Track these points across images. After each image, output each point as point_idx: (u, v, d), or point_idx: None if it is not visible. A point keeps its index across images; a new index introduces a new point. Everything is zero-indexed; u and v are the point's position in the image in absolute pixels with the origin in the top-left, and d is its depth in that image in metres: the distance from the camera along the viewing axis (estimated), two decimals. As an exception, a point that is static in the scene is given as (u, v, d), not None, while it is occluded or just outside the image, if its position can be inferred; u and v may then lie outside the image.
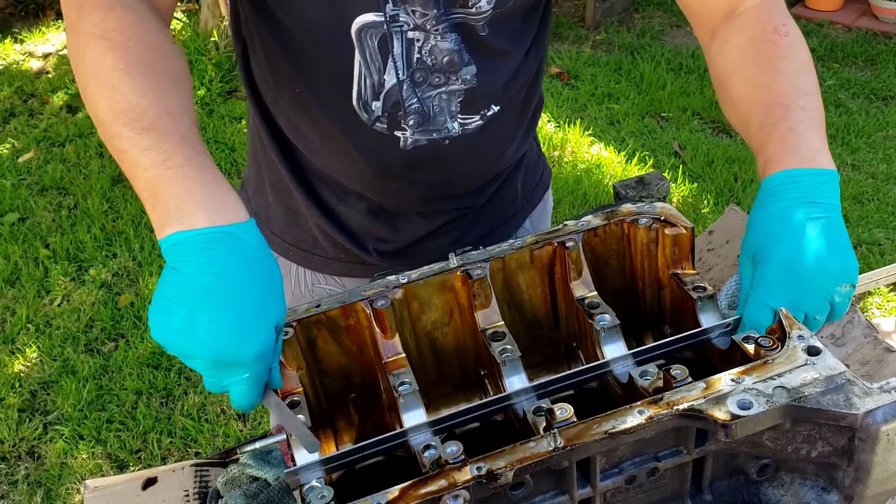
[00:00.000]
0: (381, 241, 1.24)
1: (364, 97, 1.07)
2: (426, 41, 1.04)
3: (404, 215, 1.22)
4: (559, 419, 0.77)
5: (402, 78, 1.06)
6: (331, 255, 1.27)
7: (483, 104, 1.12)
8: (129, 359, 2.70)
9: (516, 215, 1.33)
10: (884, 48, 4.48)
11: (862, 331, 1.24)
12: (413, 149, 1.11)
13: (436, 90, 1.08)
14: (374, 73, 1.06)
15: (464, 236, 1.27)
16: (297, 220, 1.26)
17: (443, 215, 1.24)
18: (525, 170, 1.32)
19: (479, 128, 1.13)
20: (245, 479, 1.18)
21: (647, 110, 4.00)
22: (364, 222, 1.22)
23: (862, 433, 0.76)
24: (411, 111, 1.08)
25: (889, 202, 3.33)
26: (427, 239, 1.25)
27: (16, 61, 4.68)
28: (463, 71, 1.07)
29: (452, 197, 1.22)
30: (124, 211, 3.38)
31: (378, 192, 1.18)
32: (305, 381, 0.93)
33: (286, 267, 1.31)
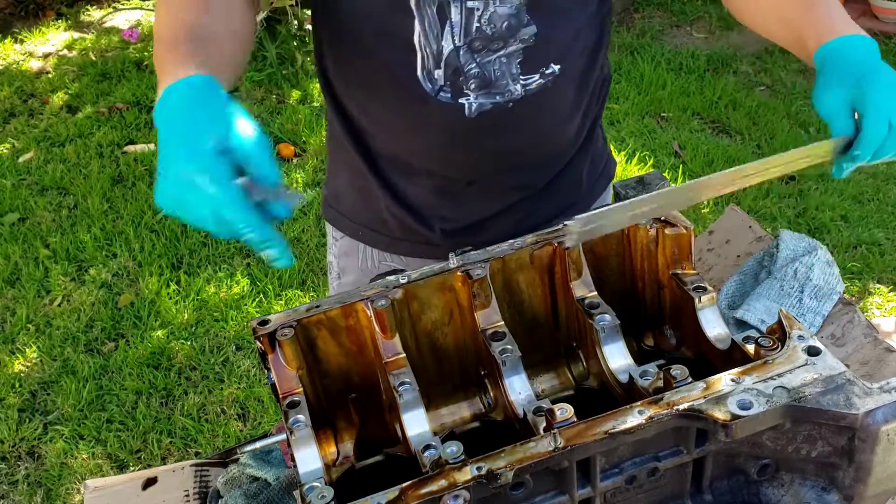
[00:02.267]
0: (446, 221, 1.29)
1: (427, 66, 1.11)
2: (485, 9, 1.08)
3: (470, 194, 1.26)
4: (559, 419, 0.77)
5: (459, 44, 1.09)
6: (398, 235, 1.32)
7: (542, 62, 1.14)
8: (129, 359, 2.69)
9: (579, 203, 1.35)
10: (884, 48, 4.47)
11: (862, 331, 1.24)
12: (478, 115, 1.14)
13: (495, 54, 1.11)
14: (433, 42, 1.09)
15: (527, 218, 1.29)
16: (368, 201, 1.31)
17: (508, 194, 1.27)
18: (591, 157, 1.35)
19: (540, 88, 1.16)
20: (245, 479, 1.18)
21: (647, 110, 3.99)
22: (431, 201, 1.27)
23: (862, 433, 0.77)
24: (471, 76, 1.12)
25: (889, 202, 3.33)
26: (491, 219, 1.29)
27: (16, 61, 4.68)
28: (521, 32, 1.10)
29: (518, 170, 1.25)
30: (124, 211, 3.38)
31: (446, 165, 1.22)
32: (305, 380, 0.93)
33: (354, 245, 1.38)
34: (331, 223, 1.41)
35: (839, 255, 3.03)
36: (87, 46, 4.76)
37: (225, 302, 2.92)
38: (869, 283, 2.93)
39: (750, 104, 3.95)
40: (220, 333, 2.80)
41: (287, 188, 0.84)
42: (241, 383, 2.61)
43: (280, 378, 0.91)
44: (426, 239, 1.31)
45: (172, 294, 2.96)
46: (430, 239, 1.30)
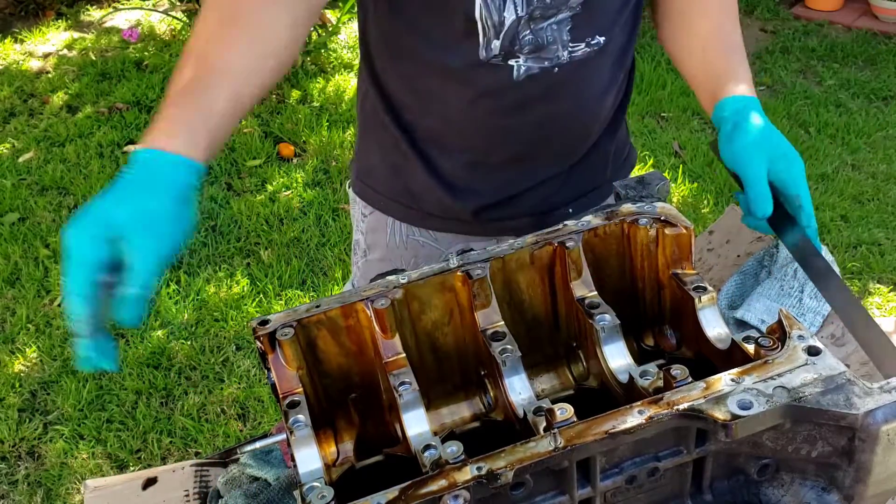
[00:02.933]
0: (478, 195, 1.32)
1: (488, 36, 1.14)
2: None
3: (501, 169, 1.29)
4: (559, 419, 0.77)
5: (521, 14, 1.12)
6: (428, 209, 1.36)
7: (589, 32, 1.18)
8: (129, 359, 2.70)
9: (603, 186, 1.38)
10: (884, 48, 4.48)
11: (862, 331, 1.24)
12: (525, 78, 1.18)
13: (547, 21, 1.14)
14: (495, 13, 1.12)
15: (554, 195, 1.34)
16: (400, 175, 1.34)
17: (538, 170, 1.30)
18: (616, 142, 1.38)
19: (585, 56, 1.20)
20: (245, 479, 1.18)
21: (647, 110, 3.99)
22: (464, 176, 1.30)
23: (862, 433, 0.77)
24: (526, 42, 1.15)
25: (889, 202, 3.33)
26: (521, 195, 1.32)
27: (16, 61, 4.68)
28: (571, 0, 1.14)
29: (553, 142, 1.28)
30: (124, 211, 3.38)
31: (487, 134, 1.26)
32: (305, 381, 0.93)
33: (382, 220, 1.41)
34: (361, 197, 1.43)
35: (839, 255, 3.03)
36: (87, 46, 4.76)
37: (225, 302, 2.92)
38: (869, 283, 2.93)
39: (750, 104, 3.95)
40: (220, 333, 2.80)
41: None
42: (241, 383, 2.61)
43: (280, 378, 0.91)
44: (456, 214, 1.34)
45: (172, 294, 2.96)
46: (460, 214, 1.34)
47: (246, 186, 3.50)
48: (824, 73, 4.27)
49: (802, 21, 4.82)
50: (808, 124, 3.83)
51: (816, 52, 4.48)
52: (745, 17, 4.92)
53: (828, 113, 3.91)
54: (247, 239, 3.25)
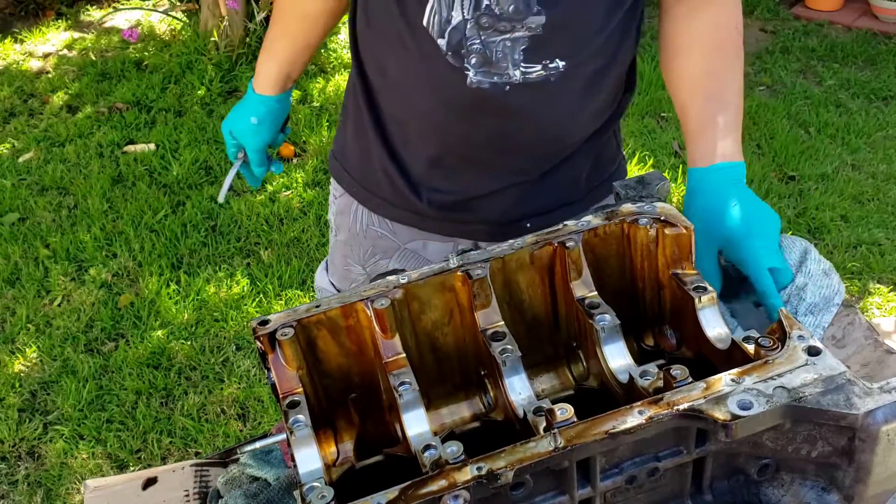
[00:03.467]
0: (436, 192, 1.31)
1: (432, 31, 1.15)
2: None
3: (462, 170, 1.28)
4: (559, 419, 0.77)
5: (467, 17, 1.11)
6: (389, 198, 1.36)
7: (546, 54, 1.15)
8: (129, 359, 2.70)
9: (575, 204, 1.34)
10: (884, 48, 4.48)
11: (862, 332, 1.24)
12: (477, 89, 1.17)
13: (500, 36, 1.12)
14: (445, 9, 1.12)
15: (517, 205, 1.31)
16: (368, 159, 1.36)
17: (500, 176, 1.28)
18: (595, 161, 1.34)
19: (541, 80, 1.16)
20: (245, 479, 1.18)
21: (647, 110, 4.00)
22: (425, 170, 1.30)
23: (862, 433, 0.77)
24: (473, 51, 1.14)
25: (889, 202, 3.33)
26: (481, 199, 1.30)
27: (16, 61, 4.68)
28: (529, 20, 1.11)
29: (512, 156, 1.26)
30: (124, 211, 3.38)
31: (443, 134, 1.25)
32: (305, 381, 0.93)
33: (349, 204, 1.45)
34: (334, 176, 1.48)
35: (839, 255, 3.03)
36: (87, 46, 4.76)
37: (225, 302, 2.92)
38: (869, 283, 2.93)
39: (750, 104, 3.95)
40: (220, 333, 2.80)
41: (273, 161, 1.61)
42: (241, 383, 2.61)
43: (280, 378, 0.91)
44: (415, 208, 1.33)
45: (172, 294, 2.96)
46: (417, 208, 1.33)
47: (246, 186, 3.50)
48: (824, 73, 4.27)
49: (802, 21, 4.82)
50: (808, 124, 3.83)
51: (816, 52, 4.48)
52: (745, 17, 4.91)
53: (828, 113, 3.91)
54: (247, 239, 3.25)
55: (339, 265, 1.52)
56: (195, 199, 3.43)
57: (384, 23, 1.22)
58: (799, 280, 1.30)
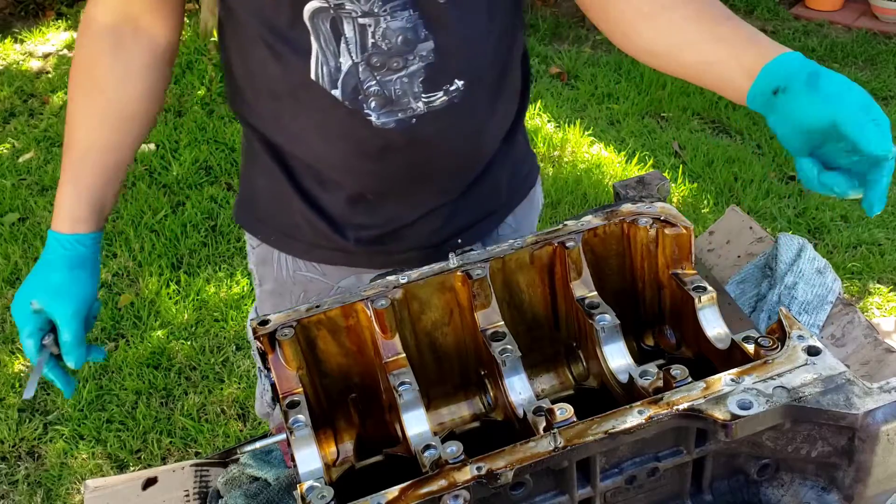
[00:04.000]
0: (361, 228, 1.26)
1: (323, 84, 1.09)
2: (377, 25, 1.05)
3: (384, 203, 1.23)
4: (559, 419, 0.77)
5: (357, 60, 1.07)
6: (312, 241, 1.29)
7: (445, 79, 1.11)
8: (129, 359, 2.70)
9: (499, 210, 1.33)
10: (884, 48, 4.47)
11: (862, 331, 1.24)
12: (384, 128, 1.12)
13: (396, 74, 1.08)
14: (331, 58, 1.08)
15: (445, 226, 1.27)
16: (282, 206, 1.28)
17: (422, 203, 1.24)
18: (511, 165, 1.32)
19: (446, 104, 1.12)
20: (245, 479, 1.18)
21: (647, 110, 3.99)
22: (344, 210, 1.24)
23: (862, 433, 0.77)
24: (371, 93, 1.09)
25: (889, 202, 3.33)
26: (407, 228, 1.26)
27: (16, 61, 4.68)
28: (419, 48, 1.07)
29: (432, 181, 1.22)
30: (124, 211, 3.38)
31: (358, 175, 1.19)
32: (305, 381, 0.93)
33: (269, 253, 1.34)
34: (245, 227, 1.38)
35: (839, 255, 3.03)
36: (87, 46, 4.75)
37: (225, 302, 2.92)
38: (869, 283, 2.93)
39: (750, 104, 3.95)
40: (220, 333, 2.80)
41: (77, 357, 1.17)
42: (241, 383, 2.61)
43: (280, 378, 0.91)
44: (341, 247, 1.27)
45: (172, 294, 2.96)
46: (344, 247, 1.27)
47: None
48: (824, 73, 4.27)
49: (802, 21, 4.82)
50: (808, 124, 3.83)
51: (816, 52, 4.48)
52: (745, 17, 4.91)
53: (828, 113, 3.91)
54: (247, 239, 3.25)
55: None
56: (195, 199, 3.43)
57: (272, 85, 1.15)
58: (789, 279, 1.30)
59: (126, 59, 1.15)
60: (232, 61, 1.21)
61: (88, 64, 1.17)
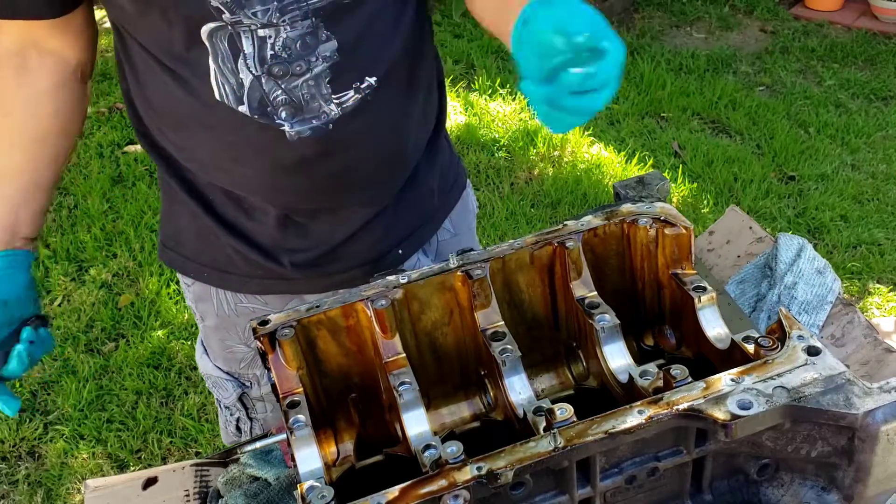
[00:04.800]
0: (295, 253, 1.22)
1: (228, 102, 1.06)
2: (277, 36, 1.03)
3: (315, 222, 1.20)
4: (559, 419, 0.77)
5: (258, 73, 1.05)
6: (246, 272, 1.25)
7: (353, 77, 1.09)
8: (130, 359, 2.70)
9: (435, 216, 1.32)
10: (884, 48, 4.48)
11: (862, 331, 1.24)
12: (300, 141, 1.09)
13: (301, 78, 1.06)
14: (230, 75, 1.05)
15: (382, 239, 1.24)
16: (209, 241, 1.24)
17: (354, 217, 1.21)
18: (439, 169, 1.30)
19: (358, 104, 1.10)
20: (245, 479, 1.18)
21: (646, 110, 4.00)
22: (275, 235, 1.20)
23: (862, 433, 0.77)
24: (279, 103, 1.07)
25: (889, 202, 3.33)
26: (343, 246, 1.22)
27: (16, 61, 4.68)
28: (321, 48, 1.05)
29: (358, 190, 1.18)
30: (124, 211, 3.38)
31: (279, 195, 1.16)
32: (306, 380, 0.93)
33: (206, 290, 1.30)
34: (173, 267, 1.33)
35: (839, 255, 3.03)
36: (88, 46, 4.75)
37: (225, 302, 2.92)
38: (869, 283, 2.93)
39: (749, 104, 3.95)
40: (220, 333, 2.80)
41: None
42: (242, 383, 2.61)
43: (280, 378, 0.91)
44: (278, 274, 1.24)
45: (172, 294, 2.96)
46: (282, 274, 1.23)
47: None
48: (824, 74, 4.27)
49: (802, 21, 4.82)
50: (808, 124, 3.83)
51: (816, 52, 4.48)
52: (745, 17, 4.92)
53: (828, 113, 3.91)
54: (247, 239, 3.25)
55: (219, 349, 1.38)
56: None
57: (177, 113, 1.12)
58: (788, 279, 1.31)
59: (32, 81, 1.13)
60: (133, 95, 1.18)
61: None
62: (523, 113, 3.91)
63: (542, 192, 3.39)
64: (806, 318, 1.28)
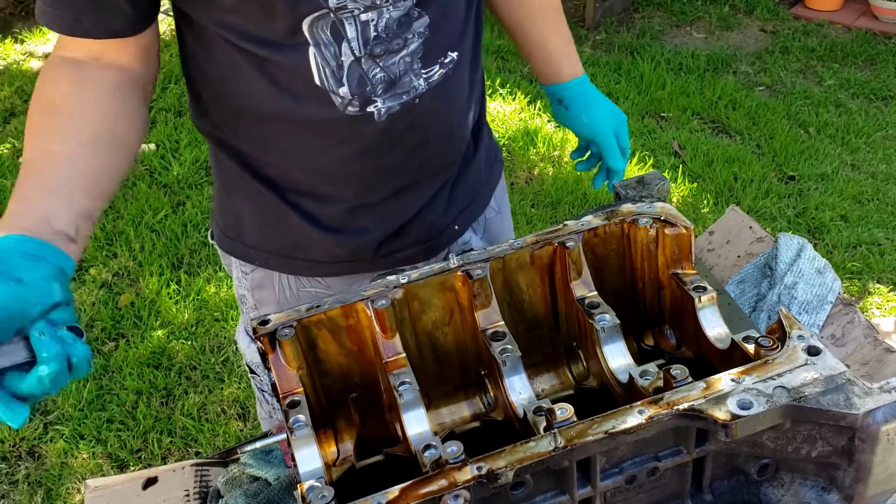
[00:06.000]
0: (364, 234, 1.25)
1: (329, 86, 1.09)
2: (380, 18, 1.07)
3: (385, 203, 1.24)
4: (559, 419, 0.77)
5: (359, 55, 1.08)
6: (314, 257, 1.27)
7: (440, 52, 1.14)
8: (130, 359, 2.70)
9: (482, 192, 1.38)
10: (883, 48, 4.48)
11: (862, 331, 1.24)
12: (388, 118, 1.13)
13: (398, 55, 1.10)
14: (332, 60, 1.08)
15: (442, 216, 1.29)
16: (276, 227, 1.25)
17: (419, 195, 1.26)
18: (485, 145, 1.37)
19: (441, 78, 1.16)
20: (245, 479, 1.18)
21: (647, 110, 4.00)
22: (345, 218, 1.23)
23: (862, 433, 0.77)
24: (378, 80, 1.11)
25: (889, 202, 3.33)
26: (408, 224, 1.27)
27: (16, 61, 4.68)
28: (415, 25, 1.10)
29: (432, 165, 1.24)
30: (125, 211, 3.38)
31: (360, 178, 1.19)
32: (306, 380, 0.93)
33: (267, 277, 1.31)
34: (234, 255, 1.32)
35: (839, 255, 3.03)
36: (88, 46, 4.75)
37: (225, 302, 2.92)
38: (869, 283, 2.93)
39: (749, 104, 3.95)
40: (220, 333, 2.80)
41: None
42: (242, 383, 2.61)
43: (280, 378, 0.91)
44: (345, 256, 1.26)
45: (173, 294, 2.96)
46: (349, 256, 1.26)
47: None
48: (824, 73, 4.27)
49: (802, 21, 4.82)
50: (808, 124, 3.83)
51: (816, 52, 4.48)
52: (745, 17, 4.92)
53: (828, 113, 3.91)
54: (247, 239, 3.25)
55: None
56: (195, 199, 3.43)
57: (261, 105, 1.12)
58: (788, 279, 1.31)
59: (90, 83, 1.06)
60: (202, 84, 1.17)
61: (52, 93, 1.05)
62: (523, 113, 3.91)
63: (542, 192, 3.39)
64: (806, 317, 1.28)
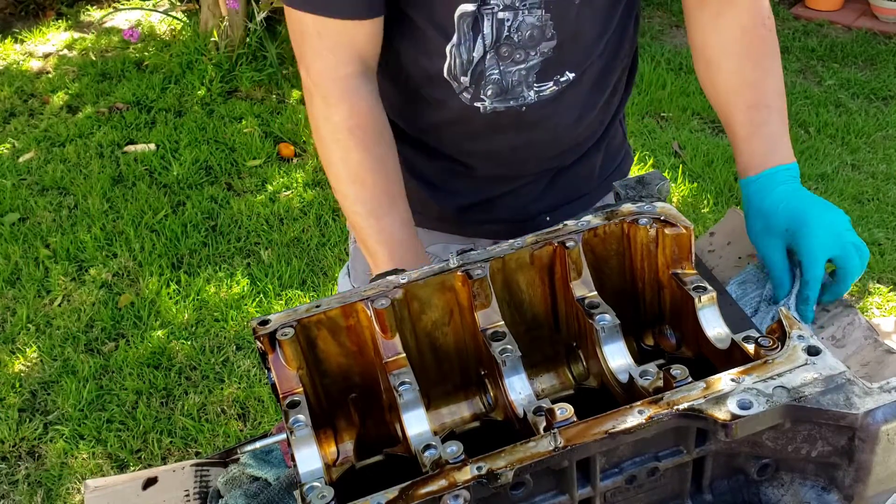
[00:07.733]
0: (456, 196, 1.35)
1: (454, 71, 1.18)
2: (515, 18, 1.13)
3: (481, 173, 1.33)
4: (559, 419, 0.77)
5: (488, 50, 1.15)
6: (418, 209, 1.33)
7: (558, 71, 1.20)
8: (130, 359, 2.70)
9: (589, 194, 1.40)
10: (884, 48, 4.48)
11: (862, 332, 1.24)
12: (493, 113, 1.21)
13: (517, 66, 1.17)
14: (465, 52, 1.16)
15: (535, 202, 1.36)
16: None
17: (519, 178, 1.34)
18: (606, 152, 1.39)
19: (553, 94, 1.21)
20: (245, 479, 1.18)
21: (647, 110, 4.00)
22: (445, 178, 1.34)
23: (862, 433, 0.77)
24: (491, 81, 1.18)
25: (889, 202, 3.33)
26: (500, 198, 1.35)
27: (16, 61, 4.68)
28: (543, 45, 1.15)
29: (532, 161, 1.31)
30: (124, 211, 3.38)
31: (462, 154, 1.30)
32: (306, 380, 0.93)
33: None
34: None
35: (839, 255, 3.03)
36: (87, 46, 4.76)
37: (225, 302, 2.92)
38: (869, 283, 2.93)
39: (750, 104, 3.95)
40: (220, 333, 2.80)
41: None
42: (242, 383, 2.61)
43: (280, 378, 0.91)
44: (436, 213, 1.37)
45: (172, 294, 2.96)
46: (440, 212, 1.37)
47: (246, 186, 3.51)
48: (824, 73, 4.27)
49: (802, 21, 4.82)
50: (808, 124, 3.83)
51: (816, 52, 4.48)
52: (745, 17, 4.92)
53: (828, 113, 3.91)
54: (247, 239, 3.25)
55: (362, 271, 1.52)
56: (195, 199, 3.44)
57: (392, 67, 1.23)
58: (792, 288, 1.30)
59: (374, 89, 1.18)
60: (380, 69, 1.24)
61: (371, 128, 1.16)
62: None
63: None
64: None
